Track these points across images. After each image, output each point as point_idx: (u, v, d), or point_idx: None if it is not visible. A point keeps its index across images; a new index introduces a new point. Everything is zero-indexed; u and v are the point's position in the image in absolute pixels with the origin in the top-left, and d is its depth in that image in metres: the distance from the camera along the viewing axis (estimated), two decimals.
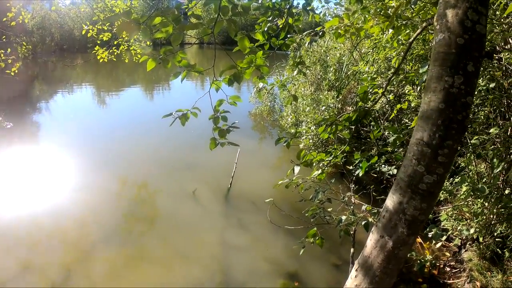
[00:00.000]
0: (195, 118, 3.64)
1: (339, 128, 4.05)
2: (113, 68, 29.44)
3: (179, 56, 3.33)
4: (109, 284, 5.90)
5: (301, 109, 10.76)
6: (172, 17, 2.99)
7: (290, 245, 6.61)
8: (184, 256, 6.61)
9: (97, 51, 9.41)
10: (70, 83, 25.26)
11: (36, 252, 6.79)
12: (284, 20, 4.27)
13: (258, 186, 8.80)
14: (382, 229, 3.02)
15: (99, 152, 11.50)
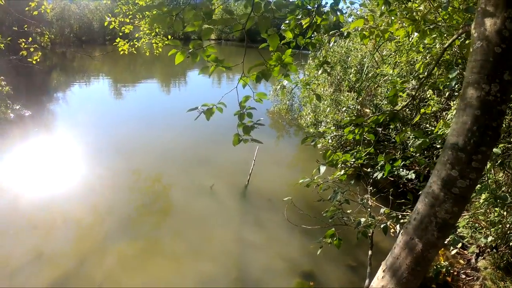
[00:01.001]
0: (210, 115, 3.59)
1: (365, 130, 4.00)
2: (130, 61, 29.60)
3: (208, 50, 3.30)
4: (121, 276, 5.93)
5: (321, 109, 10.70)
6: (205, 11, 2.97)
7: (306, 244, 6.58)
8: (199, 251, 6.60)
9: (118, 43, 9.43)
10: (88, 74, 25.46)
11: (49, 240, 6.87)
12: (311, 19, 4.23)
13: (275, 184, 8.77)
14: (412, 231, 3.01)
15: (114, 144, 11.60)
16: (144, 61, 31.00)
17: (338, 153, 4.31)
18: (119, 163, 10.05)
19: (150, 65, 30.04)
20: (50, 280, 5.80)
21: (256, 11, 3.07)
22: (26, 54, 8.87)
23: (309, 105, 11.67)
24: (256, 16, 3.07)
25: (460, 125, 2.68)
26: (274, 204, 7.81)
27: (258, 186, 8.56)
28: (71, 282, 5.79)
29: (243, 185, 8.63)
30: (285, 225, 6.97)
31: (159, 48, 9.79)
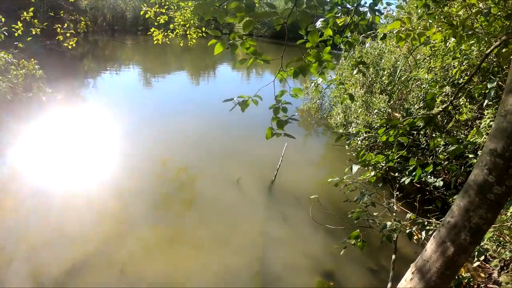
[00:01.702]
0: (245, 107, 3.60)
1: (399, 132, 3.97)
2: (161, 52, 29.89)
3: (247, 43, 3.32)
4: (142, 261, 6.03)
5: (352, 110, 10.63)
6: (247, 3, 2.98)
7: (329, 243, 6.58)
8: (222, 242, 6.66)
9: (152, 33, 9.53)
10: (119, 63, 25.80)
11: (73, 220, 7.05)
12: (350, 18, 4.22)
13: (301, 181, 8.77)
14: (445, 234, 2.98)
15: (142, 131, 11.78)
16: (175, 52, 31.26)
17: (371, 154, 4.29)
18: (146, 150, 10.21)
19: (180, 56, 30.28)
20: (72, 259, 5.96)
21: (299, 6, 3.07)
22: (62, 39, 9.05)
23: (339, 105, 11.60)
24: (298, 12, 3.07)
25: (499, 131, 2.64)
26: (300, 201, 7.81)
27: (284, 182, 8.56)
28: (93, 263, 5.93)
29: (269, 180, 8.66)
30: (310, 223, 6.97)
31: (193, 39, 9.86)
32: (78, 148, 10.14)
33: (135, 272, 5.77)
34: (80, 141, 10.62)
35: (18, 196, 7.85)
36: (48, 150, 9.97)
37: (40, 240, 6.42)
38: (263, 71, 23.78)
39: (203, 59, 28.56)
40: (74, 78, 19.65)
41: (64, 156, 9.59)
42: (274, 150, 9.86)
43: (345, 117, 11.07)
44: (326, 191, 7.48)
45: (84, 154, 9.79)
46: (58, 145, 10.33)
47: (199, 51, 31.84)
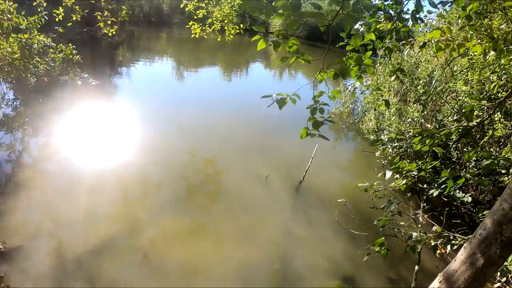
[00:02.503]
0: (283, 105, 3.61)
1: (435, 142, 3.93)
2: (195, 47, 30.13)
3: (290, 41, 3.33)
4: (165, 248, 6.13)
5: (385, 117, 10.53)
6: (293, 2, 3.00)
7: (351, 248, 6.55)
8: (245, 237, 6.71)
9: (190, 26, 9.65)
10: (153, 54, 26.13)
11: (98, 202, 7.23)
12: (392, 24, 4.19)
13: (328, 184, 8.73)
14: (476, 245, 2.97)
15: (172, 121, 11.94)
16: (209, 47, 31.47)
17: (404, 161, 4.25)
18: (175, 140, 10.35)
19: (213, 52, 30.44)
20: (96, 239, 6.12)
21: (344, 9, 3.07)
22: (102, 26, 9.24)
23: (372, 111, 11.50)
24: (343, 14, 3.08)
25: None
26: (325, 204, 7.79)
27: (312, 184, 8.54)
28: (116, 245, 6.09)
29: (297, 181, 8.64)
30: (334, 226, 6.95)
31: (230, 35, 9.94)
32: (107, 133, 10.44)
33: (157, 258, 5.87)
34: (110, 127, 10.93)
35: (47, 174, 8.15)
36: (79, 133, 10.27)
37: (65, 218, 6.62)
38: (296, 72, 23.73)
39: (236, 56, 28.70)
40: (108, 65, 20.05)
41: (94, 140, 9.88)
42: (303, 150, 9.88)
43: (377, 123, 10.96)
44: (352, 196, 7.47)
45: (113, 139, 10.09)
46: (89, 128, 10.64)
47: (233, 48, 32.03)
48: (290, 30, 3.10)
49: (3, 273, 5.26)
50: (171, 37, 28.84)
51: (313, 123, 3.48)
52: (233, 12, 9.76)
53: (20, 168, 8.32)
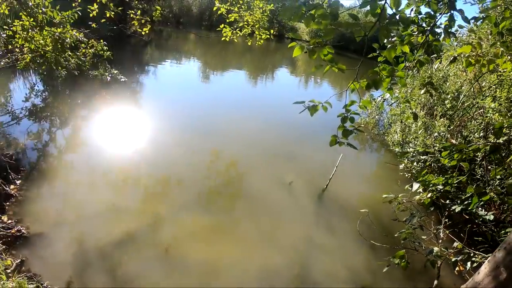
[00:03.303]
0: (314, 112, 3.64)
1: (462, 157, 3.93)
2: (222, 49, 30.33)
3: (326, 50, 3.38)
4: (186, 245, 6.24)
5: (412, 130, 10.45)
6: (332, 12, 3.05)
7: (370, 259, 6.54)
8: (267, 240, 6.76)
9: (221, 29, 9.77)
10: (180, 54, 26.42)
11: (122, 196, 7.41)
12: (425, 37, 4.21)
13: (351, 194, 8.70)
14: (500, 259, 3.00)
15: (196, 121, 12.07)
16: (236, 51, 31.68)
17: (430, 175, 4.26)
18: (198, 140, 10.47)
19: (240, 55, 30.63)
20: (118, 232, 6.28)
21: (381, 20, 3.11)
22: (136, 24, 9.40)
23: (398, 123, 11.43)
24: (379, 26, 3.12)
25: None
26: (347, 213, 7.77)
27: (335, 193, 8.54)
28: (138, 239, 6.22)
29: (321, 188, 8.63)
30: (354, 236, 6.95)
31: (261, 40, 10.02)
32: (132, 129, 10.70)
33: (178, 254, 5.98)
34: (135, 123, 11.18)
35: (71, 165, 8.40)
36: (105, 127, 10.55)
37: (88, 210, 6.79)
38: (322, 80, 23.68)
39: (262, 61, 28.78)
40: (136, 64, 20.40)
41: (118, 135, 10.17)
42: (327, 158, 9.93)
43: (403, 136, 10.87)
44: (374, 207, 7.46)
45: (137, 136, 10.29)
46: (115, 123, 10.93)
47: (260, 52, 32.13)
48: (326, 39, 3.15)
49: (25, 257, 5.43)
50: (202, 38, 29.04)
51: (343, 132, 3.52)
52: (265, 17, 9.84)
53: (45, 158, 8.60)
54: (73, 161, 8.59)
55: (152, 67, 20.71)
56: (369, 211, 6.58)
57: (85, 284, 5.19)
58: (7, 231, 5.78)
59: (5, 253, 5.31)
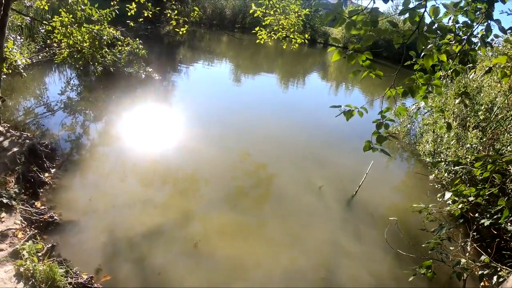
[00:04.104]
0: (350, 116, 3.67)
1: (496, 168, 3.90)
2: (254, 52, 30.50)
3: (364, 56, 3.42)
4: (215, 241, 6.34)
5: (444, 140, 10.31)
6: (372, 18, 3.10)
7: (396, 268, 6.50)
8: (294, 241, 6.80)
9: (257, 31, 9.88)
10: (212, 56, 26.66)
11: (150, 190, 7.57)
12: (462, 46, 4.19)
13: (379, 202, 8.64)
14: None
15: (227, 122, 12.21)
16: (267, 54, 31.81)
17: (462, 185, 4.24)
18: (229, 140, 10.61)
19: (272, 59, 30.73)
20: (147, 224, 6.46)
21: (420, 28, 3.15)
22: (174, 24, 9.60)
23: (430, 133, 11.28)
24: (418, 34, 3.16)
25: None
26: (375, 221, 7.74)
27: (364, 199, 8.51)
28: (168, 232, 6.39)
29: (350, 194, 8.62)
30: (381, 243, 6.92)
31: (296, 44, 10.07)
32: (163, 127, 10.94)
33: (207, 249, 6.08)
34: (166, 121, 11.43)
35: (103, 158, 8.68)
36: (137, 123, 10.80)
37: (118, 201, 6.99)
38: (353, 86, 23.54)
39: (294, 65, 28.75)
40: (169, 63, 20.70)
41: (149, 131, 10.41)
42: (357, 164, 9.92)
43: (435, 146, 10.73)
44: (402, 216, 7.42)
45: (167, 133, 10.53)
46: (147, 120, 11.18)
47: (291, 57, 32.11)
48: (366, 45, 3.20)
49: (56, 242, 5.61)
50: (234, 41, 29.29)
51: (377, 137, 3.55)
52: (300, 21, 9.90)
53: (78, 149, 8.88)
54: (105, 154, 8.85)
55: (184, 67, 21.00)
56: (397, 220, 6.55)
57: (113, 272, 5.34)
58: (40, 216, 6.00)
59: (37, 237, 5.50)
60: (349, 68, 28.46)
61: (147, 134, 10.17)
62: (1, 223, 5.44)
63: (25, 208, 6.03)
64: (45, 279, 4.50)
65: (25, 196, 6.38)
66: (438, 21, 3.31)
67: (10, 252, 4.88)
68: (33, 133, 8.81)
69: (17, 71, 10.05)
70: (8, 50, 9.26)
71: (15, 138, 7.74)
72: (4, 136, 7.75)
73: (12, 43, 9.90)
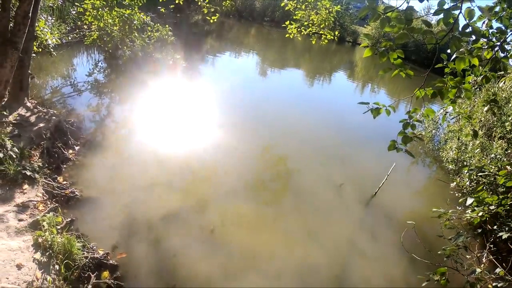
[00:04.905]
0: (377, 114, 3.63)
1: None
2: (282, 46, 30.41)
3: (395, 54, 3.38)
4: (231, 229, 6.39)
5: (468, 148, 10.11)
6: (407, 17, 3.06)
7: (410, 272, 6.44)
8: (311, 236, 6.79)
9: (287, 25, 9.82)
10: (240, 47, 26.66)
11: (169, 175, 7.65)
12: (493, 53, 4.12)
13: (399, 205, 8.52)
14: None
15: (250, 114, 12.27)
16: (295, 49, 31.69)
17: (485, 192, 4.18)
18: (250, 133, 10.65)
19: (299, 55, 30.62)
20: (165, 208, 6.54)
21: (454, 31, 3.10)
22: (206, 12, 9.61)
23: (455, 140, 11.09)
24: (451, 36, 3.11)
25: None
26: (393, 224, 7.66)
27: (383, 201, 8.44)
28: (186, 217, 6.45)
29: (369, 195, 8.56)
30: (397, 247, 6.83)
31: (325, 40, 9.98)
32: (186, 114, 11.01)
33: (223, 236, 6.15)
34: (189, 108, 11.49)
35: (125, 140, 8.88)
36: (161, 108, 10.89)
37: (138, 183, 7.10)
38: (379, 88, 23.28)
39: (321, 62, 28.57)
40: (197, 51, 20.77)
41: (172, 118, 10.51)
42: (379, 165, 9.87)
43: (458, 154, 10.52)
44: (420, 221, 7.32)
45: (190, 121, 10.58)
46: (171, 106, 11.30)
47: (319, 53, 31.97)
48: (399, 43, 3.16)
49: (75, 217, 5.76)
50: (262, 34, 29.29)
51: (403, 138, 3.51)
52: (331, 17, 9.81)
53: (102, 130, 9.04)
54: (127, 137, 8.99)
55: (211, 56, 21.08)
56: (417, 223, 6.49)
57: (129, 250, 5.44)
58: (61, 191, 6.15)
59: (57, 210, 5.62)
60: (376, 69, 28.19)
61: (170, 121, 10.24)
62: (23, 194, 5.56)
63: (47, 181, 6.16)
64: (62, 251, 4.60)
65: (48, 170, 6.52)
66: (472, 25, 3.25)
67: (29, 222, 4.99)
68: (59, 111, 8.95)
69: (46, 50, 10.19)
70: (40, 29, 9.40)
71: (42, 114, 7.89)
72: (31, 111, 7.89)
73: (44, 23, 10.04)
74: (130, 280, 5.00)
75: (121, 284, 4.84)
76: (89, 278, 4.66)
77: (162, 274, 5.21)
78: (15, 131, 6.86)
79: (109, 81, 12.60)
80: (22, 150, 6.27)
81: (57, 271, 4.46)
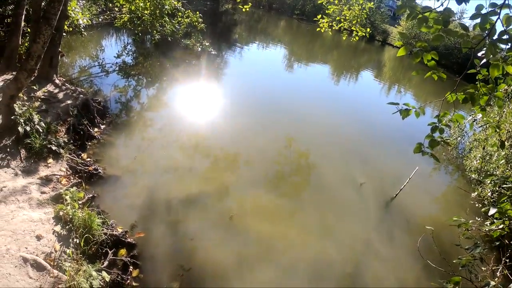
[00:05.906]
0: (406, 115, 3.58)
1: None
2: (310, 41, 30.28)
3: (429, 55, 3.32)
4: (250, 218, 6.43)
5: (493, 159, 9.91)
6: (444, 18, 3.02)
7: (423, 278, 6.39)
8: (327, 232, 6.78)
9: (318, 20, 9.72)
10: (268, 39, 26.62)
11: (191, 160, 7.77)
12: None
13: (418, 210, 8.41)
14: None
15: (274, 106, 12.23)
16: (323, 44, 31.51)
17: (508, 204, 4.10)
18: (274, 125, 10.63)
19: (327, 50, 30.40)
20: (186, 191, 6.64)
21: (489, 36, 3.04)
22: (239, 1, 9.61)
23: (480, 149, 10.88)
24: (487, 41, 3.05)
25: None
26: (410, 228, 7.58)
27: (402, 204, 8.36)
28: (206, 202, 6.53)
29: (389, 196, 8.50)
30: (413, 251, 6.76)
31: (356, 36, 9.83)
32: (210, 101, 11.12)
33: (241, 224, 6.19)
34: (214, 96, 11.63)
35: (149, 123, 8.97)
36: (185, 94, 10.98)
37: (160, 165, 7.23)
38: (406, 90, 22.91)
39: (349, 59, 28.32)
40: (225, 40, 20.85)
41: (197, 104, 10.62)
42: (401, 168, 9.80)
43: (482, 164, 10.31)
44: (437, 228, 7.24)
45: (214, 108, 10.66)
46: (196, 92, 11.45)
47: (347, 51, 31.69)
48: (434, 44, 3.11)
49: (97, 193, 5.88)
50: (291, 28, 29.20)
51: (430, 141, 3.46)
52: (364, 14, 9.69)
53: (128, 111, 9.20)
54: (152, 119, 9.07)
55: (239, 46, 21.07)
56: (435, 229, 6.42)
57: (147, 230, 5.52)
58: (85, 167, 6.27)
59: (80, 186, 5.75)
60: (404, 71, 27.81)
61: (195, 107, 10.30)
62: (47, 168, 5.68)
63: (72, 157, 6.30)
64: (82, 225, 4.68)
65: (73, 146, 6.66)
66: (510, 32, 3.18)
67: (52, 195, 5.09)
68: (87, 90, 9.10)
69: (77, 30, 10.34)
70: (71, 9, 9.51)
71: (69, 92, 8.02)
72: (59, 88, 8.03)
73: (75, 3, 10.16)
74: (147, 259, 5.08)
75: (137, 262, 4.93)
76: (106, 254, 4.75)
77: (178, 256, 5.28)
78: (43, 106, 7.01)
79: (136, 64, 12.72)
80: (48, 125, 6.40)
81: (76, 244, 4.55)
